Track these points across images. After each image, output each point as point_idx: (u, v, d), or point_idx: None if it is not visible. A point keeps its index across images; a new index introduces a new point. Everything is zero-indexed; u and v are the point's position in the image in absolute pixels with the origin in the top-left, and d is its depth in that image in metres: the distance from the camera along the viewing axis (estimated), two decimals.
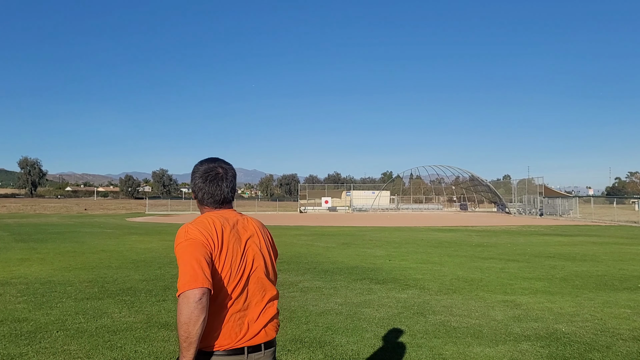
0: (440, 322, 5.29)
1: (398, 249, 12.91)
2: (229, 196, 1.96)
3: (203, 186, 1.92)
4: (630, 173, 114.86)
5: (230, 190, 1.97)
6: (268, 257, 1.95)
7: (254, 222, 1.99)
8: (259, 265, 1.88)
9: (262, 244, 1.94)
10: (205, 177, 1.92)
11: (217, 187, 1.92)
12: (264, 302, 1.89)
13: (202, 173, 1.93)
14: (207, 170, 1.93)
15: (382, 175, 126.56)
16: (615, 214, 35.01)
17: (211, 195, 1.92)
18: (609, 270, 9.26)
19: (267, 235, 2.03)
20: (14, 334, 4.80)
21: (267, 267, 1.93)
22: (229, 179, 1.95)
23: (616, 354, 4.28)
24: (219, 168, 1.94)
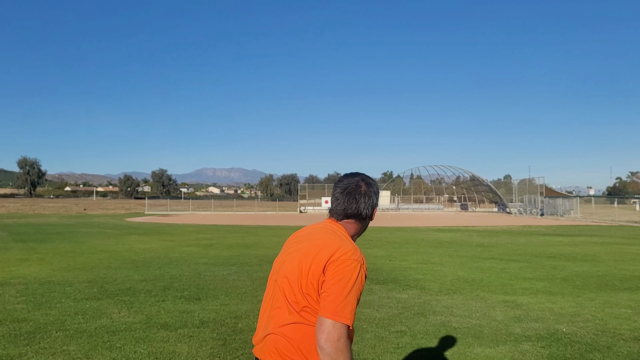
0: (440, 323, 5.27)
1: (398, 249, 12.89)
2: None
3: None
4: (631, 173, 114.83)
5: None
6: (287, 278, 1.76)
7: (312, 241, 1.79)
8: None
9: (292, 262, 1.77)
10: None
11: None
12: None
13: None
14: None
15: (383, 175, 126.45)
16: (616, 214, 35.00)
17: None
18: (610, 270, 9.24)
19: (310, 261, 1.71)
20: (13, 334, 4.78)
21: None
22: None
23: (617, 354, 4.26)
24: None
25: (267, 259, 10.55)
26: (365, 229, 1.92)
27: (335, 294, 1.58)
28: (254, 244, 14.14)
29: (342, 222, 1.85)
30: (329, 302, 1.58)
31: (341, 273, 1.61)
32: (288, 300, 1.69)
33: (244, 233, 19.13)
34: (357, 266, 1.63)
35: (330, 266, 1.64)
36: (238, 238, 16.49)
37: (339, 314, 1.55)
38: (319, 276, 1.65)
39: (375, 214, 1.89)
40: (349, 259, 1.64)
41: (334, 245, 1.69)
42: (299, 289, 1.67)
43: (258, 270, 8.92)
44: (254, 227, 23.25)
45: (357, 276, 1.62)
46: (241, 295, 6.69)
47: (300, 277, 1.68)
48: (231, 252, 11.92)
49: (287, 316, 1.69)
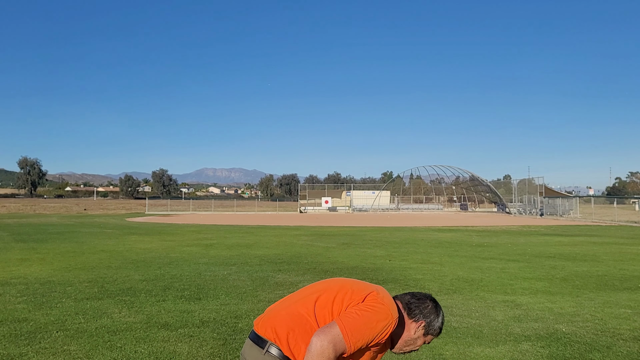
0: None
1: (398, 249, 12.90)
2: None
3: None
4: (630, 173, 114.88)
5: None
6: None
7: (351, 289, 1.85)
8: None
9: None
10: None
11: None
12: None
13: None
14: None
15: (382, 175, 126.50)
16: (615, 214, 35.01)
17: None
18: (609, 270, 9.25)
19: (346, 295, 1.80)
20: (14, 334, 4.79)
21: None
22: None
23: (617, 354, 4.27)
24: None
25: (267, 259, 10.57)
26: (406, 342, 1.87)
27: (360, 317, 1.61)
28: (254, 244, 14.16)
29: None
30: (350, 318, 1.60)
31: (376, 309, 1.66)
32: (316, 303, 1.73)
33: (244, 233, 19.15)
34: (389, 317, 1.69)
35: (371, 297, 1.71)
36: (238, 238, 16.50)
37: (349, 331, 1.56)
38: (358, 300, 1.71)
39: (416, 329, 1.85)
40: (388, 307, 1.70)
41: (384, 292, 1.79)
42: (331, 304, 1.72)
43: (258, 270, 8.93)
44: (254, 227, 23.26)
45: (383, 323, 1.65)
46: (241, 295, 6.70)
47: (340, 296, 1.74)
48: (231, 252, 11.93)
49: (301, 310, 1.72)
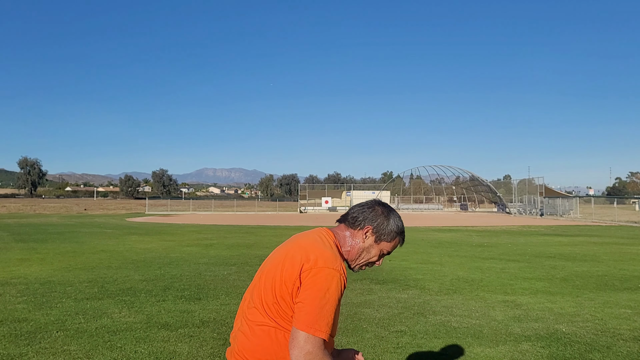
0: (440, 323, 5.28)
1: (398, 249, 12.87)
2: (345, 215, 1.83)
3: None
4: (631, 173, 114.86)
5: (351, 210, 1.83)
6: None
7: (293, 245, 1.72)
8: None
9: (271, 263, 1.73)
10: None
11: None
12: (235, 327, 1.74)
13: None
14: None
15: (383, 175, 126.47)
16: (615, 214, 35.00)
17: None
18: (609, 270, 9.25)
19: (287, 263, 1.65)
20: (14, 334, 4.79)
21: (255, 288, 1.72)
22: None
23: (617, 354, 4.27)
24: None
25: None
26: (359, 258, 1.75)
27: (310, 305, 1.49)
28: (254, 244, 14.15)
29: (337, 228, 1.79)
30: (304, 314, 1.49)
31: (318, 283, 1.52)
32: (263, 300, 1.61)
33: (244, 233, 19.14)
34: (335, 275, 1.53)
35: (306, 273, 1.54)
36: (238, 238, 16.50)
37: (313, 327, 1.47)
38: (294, 281, 1.56)
39: (366, 233, 1.73)
40: (327, 267, 1.54)
41: (313, 252, 1.59)
42: (272, 291, 1.59)
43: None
44: (254, 227, 23.26)
45: (334, 286, 1.52)
46: (241, 295, 6.69)
47: (276, 280, 1.60)
48: (231, 252, 11.93)
49: (259, 317, 1.60)
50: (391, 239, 1.76)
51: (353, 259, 1.75)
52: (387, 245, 1.77)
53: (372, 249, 1.75)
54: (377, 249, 1.75)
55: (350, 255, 1.74)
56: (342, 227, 1.77)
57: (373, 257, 1.76)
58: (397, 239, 1.78)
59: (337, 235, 1.74)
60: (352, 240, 1.74)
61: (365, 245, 1.74)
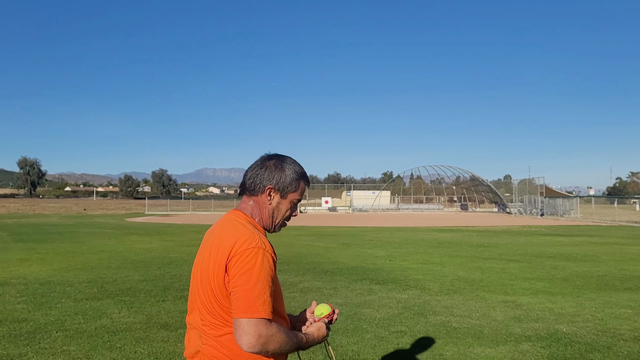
0: (440, 323, 5.27)
1: (398, 250, 12.89)
2: (242, 187, 1.73)
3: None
4: (631, 173, 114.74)
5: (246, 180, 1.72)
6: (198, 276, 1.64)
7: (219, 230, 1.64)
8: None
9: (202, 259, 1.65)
10: None
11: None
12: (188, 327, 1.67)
13: None
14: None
15: (383, 175, 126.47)
16: (616, 214, 34.99)
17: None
18: (610, 270, 9.24)
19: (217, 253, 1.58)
20: (14, 334, 4.78)
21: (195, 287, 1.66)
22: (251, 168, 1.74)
23: (617, 355, 4.26)
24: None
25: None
26: (271, 219, 1.69)
27: (241, 291, 1.46)
28: None
29: (240, 203, 1.71)
30: (238, 301, 1.46)
31: (243, 267, 1.47)
32: (213, 312, 1.55)
33: None
34: (257, 252, 1.49)
35: (229, 265, 1.50)
36: None
37: (251, 310, 1.44)
38: (223, 278, 1.51)
39: (269, 193, 1.65)
40: (247, 248, 1.49)
41: (229, 241, 1.53)
42: (216, 301, 1.54)
43: None
44: None
45: (259, 264, 1.48)
46: None
47: (213, 288, 1.54)
48: None
49: (219, 329, 1.55)
50: (295, 187, 1.69)
51: (268, 223, 1.69)
52: (294, 195, 1.70)
53: (281, 206, 1.69)
54: (287, 202, 1.70)
55: (264, 221, 1.69)
56: (245, 199, 1.70)
57: (287, 212, 1.71)
58: (302, 183, 1.72)
59: (246, 210, 1.68)
60: (260, 206, 1.68)
61: (273, 205, 1.68)
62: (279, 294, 1.63)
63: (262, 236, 1.57)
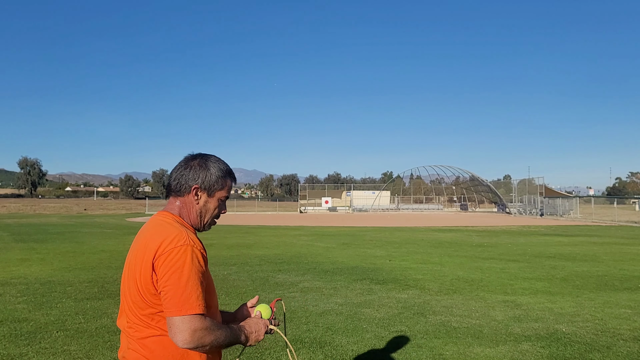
0: (440, 323, 5.28)
1: (398, 249, 12.90)
2: (169, 188, 1.72)
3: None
4: (631, 173, 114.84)
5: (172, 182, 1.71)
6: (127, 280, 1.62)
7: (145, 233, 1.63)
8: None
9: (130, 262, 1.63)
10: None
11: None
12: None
13: None
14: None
15: (383, 175, 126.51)
16: (615, 214, 35.01)
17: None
18: (609, 270, 9.25)
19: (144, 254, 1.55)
20: (14, 334, 4.79)
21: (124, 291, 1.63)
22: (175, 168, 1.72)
23: (617, 354, 4.27)
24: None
25: (268, 259, 10.57)
26: (200, 218, 1.69)
27: (172, 289, 1.45)
28: (254, 244, 14.15)
29: (167, 204, 1.70)
30: (170, 300, 1.45)
31: (171, 266, 1.46)
32: (138, 314, 1.54)
33: (244, 233, 19.14)
34: (185, 250, 1.49)
35: (157, 263, 1.49)
36: (238, 238, 16.50)
37: (184, 307, 1.44)
38: (151, 279, 1.50)
39: (195, 193, 1.65)
40: (175, 246, 1.49)
41: (156, 240, 1.52)
42: (143, 301, 1.52)
43: (258, 270, 8.93)
44: (254, 227, 23.26)
45: (189, 261, 1.48)
46: (241, 295, 6.70)
47: (140, 288, 1.52)
48: (231, 252, 11.93)
49: (143, 331, 1.53)
50: (222, 185, 1.70)
51: (197, 223, 1.69)
52: (221, 192, 1.70)
53: (209, 204, 1.69)
54: (214, 201, 1.69)
55: (192, 221, 1.68)
56: (172, 200, 1.69)
57: (215, 211, 1.71)
58: (228, 181, 1.72)
59: (173, 211, 1.67)
60: (187, 207, 1.67)
61: (200, 204, 1.67)
62: (212, 289, 1.62)
63: (190, 234, 1.57)
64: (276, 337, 4.73)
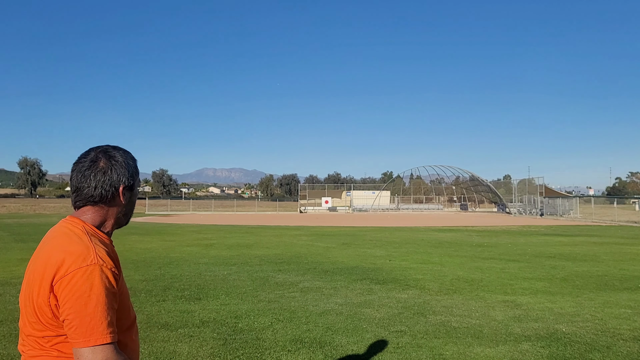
0: (440, 323, 5.28)
1: (398, 249, 12.89)
2: (74, 198, 1.49)
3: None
4: (631, 173, 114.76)
5: (74, 190, 1.48)
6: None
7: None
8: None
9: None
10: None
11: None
12: None
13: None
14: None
15: (383, 175, 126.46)
16: (615, 214, 35.00)
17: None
18: (609, 270, 9.25)
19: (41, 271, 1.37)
20: (14, 334, 4.79)
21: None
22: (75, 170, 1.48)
23: (617, 354, 4.27)
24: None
25: (268, 259, 10.57)
26: (125, 216, 1.56)
27: (78, 317, 1.28)
28: (254, 244, 14.15)
29: (80, 213, 1.48)
30: (76, 329, 1.28)
31: (75, 291, 1.29)
32: (35, 333, 1.38)
33: (244, 233, 19.14)
34: (92, 271, 1.31)
35: (58, 287, 1.30)
36: (238, 238, 16.50)
37: (93, 337, 1.28)
38: (48, 302, 1.32)
39: (124, 193, 1.49)
40: (79, 268, 1.30)
41: (57, 256, 1.34)
42: (38, 320, 1.36)
43: (258, 270, 8.93)
44: (254, 227, 23.26)
45: (97, 284, 1.30)
46: (241, 295, 6.70)
47: (35, 307, 1.35)
48: (232, 252, 11.93)
49: (37, 352, 1.38)
50: (138, 172, 1.57)
51: (122, 222, 1.57)
52: (139, 181, 1.59)
53: (134, 198, 1.58)
54: (135, 192, 1.57)
55: (113, 226, 1.53)
56: (88, 209, 1.48)
57: (135, 204, 1.61)
58: (136, 164, 1.58)
59: (86, 218, 1.47)
60: (110, 212, 1.50)
61: (126, 203, 1.52)
62: (126, 306, 1.48)
63: (99, 249, 1.38)
64: (276, 337, 4.74)
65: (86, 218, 1.47)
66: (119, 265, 1.45)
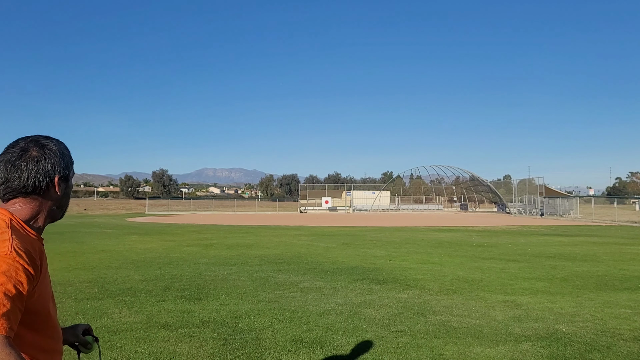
0: (440, 322, 5.28)
1: (398, 249, 12.89)
2: None
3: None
4: (631, 173, 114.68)
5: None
6: None
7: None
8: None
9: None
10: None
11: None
12: None
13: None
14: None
15: (383, 175, 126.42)
16: (615, 214, 35.01)
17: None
18: (609, 270, 9.25)
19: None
20: None
21: None
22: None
23: (617, 354, 4.27)
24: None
25: (268, 259, 10.57)
26: (60, 209, 1.50)
27: None
28: (254, 244, 14.15)
29: (9, 205, 1.40)
30: None
31: None
32: None
33: (244, 233, 19.15)
34: (2, 261, 1.24)
35: None
36: (238, 238, 16.50)
37: None
38: None
39: (59, 184, 1.43)
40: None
41: None
42: None
43: (258, 270, 8.93)
44: (254, 227, 23.26)
45: (1, 271, 1.23)
46: (241, 295, 6.70)
47: None
48: (231, 252, 11.93)
49: None
50: (72, 161, 1.51)
51: (57, 215, 1.52)
52: (72, 169, 1.52)
53: (68, 190, 1.52)
54: (70, 184, 1.52)
55: (43, 218, 1.48)
56: (19, 201, 1.41)
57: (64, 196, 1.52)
58: (70, 153, 1.52)
59: (16, 212, 1.41)
60: (44, 203, 1.44)
61: (61, 194, 1.46)
62: (44, 308, 1.40)
63: (18, 242, 1.31)
64: (276, 337, 4.74)
65: (15, 210, 1.40)
66: (42, 266, 1.37)
